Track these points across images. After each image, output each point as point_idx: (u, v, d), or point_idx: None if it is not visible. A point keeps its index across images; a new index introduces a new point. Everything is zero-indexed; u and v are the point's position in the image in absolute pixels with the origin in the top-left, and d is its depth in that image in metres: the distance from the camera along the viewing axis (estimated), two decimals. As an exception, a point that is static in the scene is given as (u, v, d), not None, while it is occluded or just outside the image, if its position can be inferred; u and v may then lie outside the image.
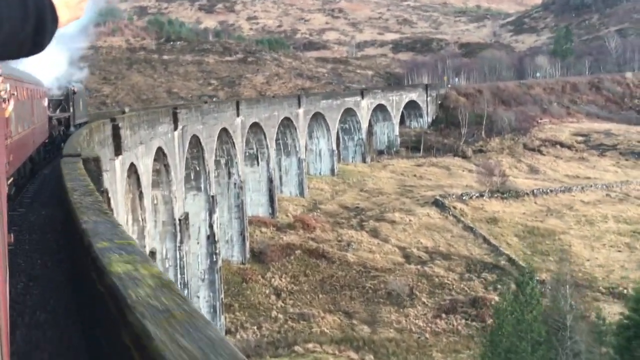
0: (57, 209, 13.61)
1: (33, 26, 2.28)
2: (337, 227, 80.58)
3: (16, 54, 2.31)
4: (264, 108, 78.21)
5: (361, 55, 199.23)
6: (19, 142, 18.53)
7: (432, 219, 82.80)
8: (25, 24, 2.25)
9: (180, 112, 51.20)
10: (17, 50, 2.30)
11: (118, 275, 4.08)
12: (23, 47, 2.30)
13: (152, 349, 2.90)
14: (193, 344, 2.85)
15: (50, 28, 2.36)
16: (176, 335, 2.99)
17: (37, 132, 25.01)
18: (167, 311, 3.32)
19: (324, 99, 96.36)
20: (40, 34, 2.32)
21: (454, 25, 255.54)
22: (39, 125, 25.85)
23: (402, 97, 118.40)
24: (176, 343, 2.90)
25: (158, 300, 3.52)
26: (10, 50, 2.27)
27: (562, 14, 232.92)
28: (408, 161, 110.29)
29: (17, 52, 2.31)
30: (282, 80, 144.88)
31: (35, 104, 24.62)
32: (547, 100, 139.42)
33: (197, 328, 3.06)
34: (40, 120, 26.63)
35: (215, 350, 2.80)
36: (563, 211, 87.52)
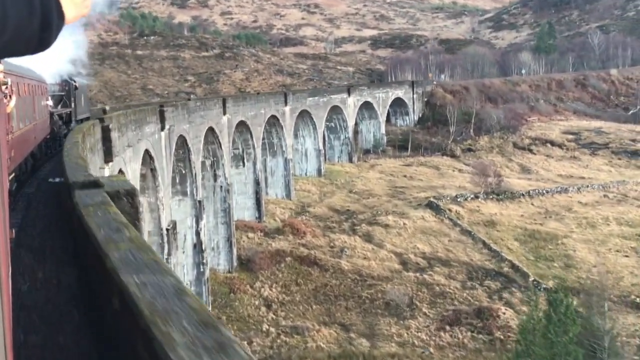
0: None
1: (39, 23, 2.25)
2: (328, 231, 76.05)
3: (23, 50, 2.29)
4: (251, 106, 73.46)
5: (340, 52, 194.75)
6: (21, 137, 18.42)
7: (428, 222, 78.60)
8: (31, 21, 2.22)
9: (167, 111, 46.37)
10: (24, 47, 2.27)
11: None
12: (30, 43, 2.27)
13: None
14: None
15: (57, 24, 2.33)
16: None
17: (39, 127, 24.84)
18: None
19: (311, 97, 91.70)
20: (47, 31, 2.30)
21: (431, 22, 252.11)
22: (41, 121, 25.69)
23: (389, 95, 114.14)
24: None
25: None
26: (17, 47, 2.25)
27: (541, 10, 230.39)
28: (396, 161, 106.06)
29: (24, 49, 2.29)
30: (262, 76, 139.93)
31: (37, 100, 24.32)
32: (534, 97, 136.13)
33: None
34: (42, 116, 26.49)
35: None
36: (562, 213, 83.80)
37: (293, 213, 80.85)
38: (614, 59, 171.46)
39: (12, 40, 2.17)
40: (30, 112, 21.65)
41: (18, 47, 2.25)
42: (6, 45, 2.18)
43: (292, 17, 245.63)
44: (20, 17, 2.17)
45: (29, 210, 14.44)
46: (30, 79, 22.49)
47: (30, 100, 21.92)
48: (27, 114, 20.71)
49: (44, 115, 28.11)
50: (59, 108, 36.44)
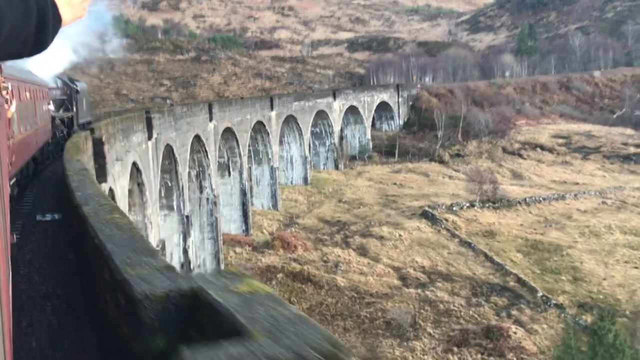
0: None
1: (35, 25, 2.27)
2: (320, 244, 71.46)
3: (20, 52, 2.31)
4: (237, 111, 68.67)
5: (317, 55, 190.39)
6: (22, 142, 18.37)
7: (424, 234, 74.34)
8: (27, 23, 2.24)
9: (154, 118, 41.48)
10: (21, 49, 2.29)
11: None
12: (26, 45, 2.29)
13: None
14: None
15: (53, 26, 2.35)
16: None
17: (40, 132, 24.71)
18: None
19: (296, 101, 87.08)
20: (43, 33, 2.31)
21: (407, 24, 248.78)
22: (42, 125, 25.52)
23: (374, 98, 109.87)
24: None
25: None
26: (13, 49, 2.26)
27: (518, 12, 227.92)
28: (383, 167, 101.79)
29: (20, 51, 2.30)
30: (241, 80, 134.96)
31: (38, 104, 24.14)
32: (520, 100, 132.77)
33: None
34: (43, 120, 26.25)
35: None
36: (562, 222, 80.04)
37: (281, 225, 76.18)
38: (595, 61, 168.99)
39: (8, 42, 2.15)
40: (31, 117, 21.40)
41: (14, 49, 2.23)
42: (2, 47, 2.16)
43: (266, 20, 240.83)
44: (17, 19, 2.16)
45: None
46: (32, 83, 22.33)
47: (32, 105, 21.70)
48: (28, 118, 20.41)
49: (46, 120, 27.84)
50: (61, 112, 35.91)
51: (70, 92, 37.77)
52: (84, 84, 47.14)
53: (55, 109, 34.05)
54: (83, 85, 45.04)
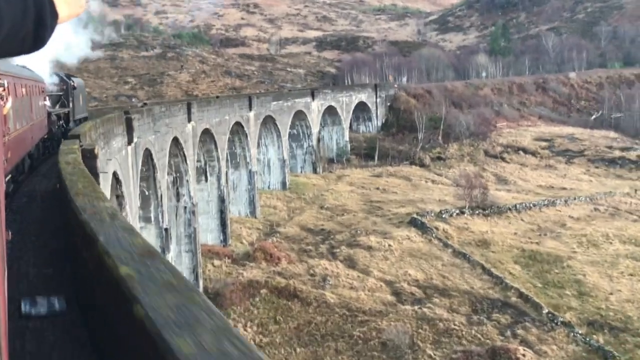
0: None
1: (33, 22, 2.27)
2: (304, 256, 66.21)
3: (18, 50, 2.31)
4: (215, 111, 63.14)
5: (285, 53, 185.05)
6: (17, 138, 18.46)
7: (415, 243, 69.53)
8: (25, 20, 2.24)
9: (135, 119, 35.93)
10: (19, 47, 2.30)
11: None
12: (24, 43, 2.29)
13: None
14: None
15: (50, 23, 2.35)
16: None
17: (36, 128, 24.79)
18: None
19: (275, 101, 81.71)
20: (41, 30, 2.31)
21: (375, 24, 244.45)
22: (38, 121, 25.61)
23: (352, 98, 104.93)
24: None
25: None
26: (12, 47, 2.27)
27: (487, 12, 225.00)
28: (363, 171, 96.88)
29: (19, 49, 2.31)
30: (210, 78, 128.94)
31: (34, 100, 24.22)
32: (498, 102, 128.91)
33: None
34: (39, 116, 26.39)
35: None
36: (556, 230, 75.92)
37: (261, 234, 70.81)
38: (569, 62, 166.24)
39: (7, 40, 2.16)
40: (27, 113, 21.34)
41: (13, 46, 2.24)
42: (1, 45, 2.17)
43: (231, 17, 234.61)
44: (15, 16, 2.17)
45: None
46: (28, 79, 22.30)
47: (28, 101, 21.62)
48: (24, 114, 20.40)
49: (42, 115, 27.79)
50: (57, 108, 35.85)
51: (67, 88, 37.69)
52: (81, 80, 46.39)
53: (51, 105, 33.84)
54: (80, 81, 44.55)
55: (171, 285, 3.90)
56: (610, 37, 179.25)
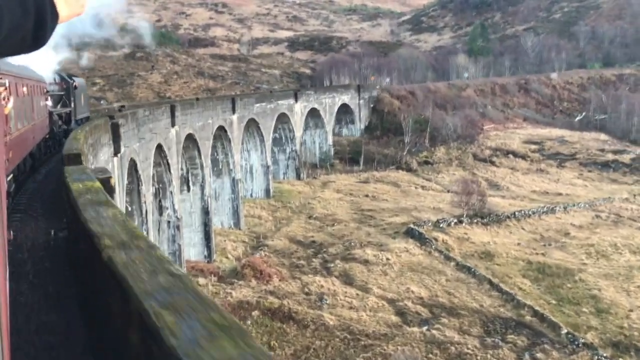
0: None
1: (33, 21, 2.27)
2: (296, 272, 60.67)
3: (18, 49, 2.31)
4: (198, 114, 57.38)
5: (258, 54, 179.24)
6: (19, 138, 18.41)
7: (414, 256, 64.38)
8: (25, 20, 2.24)
9: (121, 125, 30.24)
10: (19, 46, 2.29)
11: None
12: (24, 42, 2.29)
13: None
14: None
15: (50, 23, 2.35)
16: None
17: (38, 128, 24.62)
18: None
19: (258, 102, 76.07)
20: (41, 30, 2.31)
21: (346, 24, 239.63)
22: (39, 121, 25.41)
23: (335, 100, 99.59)
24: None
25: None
26: (12, 47, 2.27)
27: (461, 12, 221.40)
28: (349, 177, 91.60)
29: (19, 48, 2.31)
30: (183, 79, 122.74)
31: (36, 100, 24.13)
32: (482, 103, 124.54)
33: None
34: (41, 116, 26.24)
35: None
36: (561, 239, 71.36)
37: (247, 248, 65.11)
38: (548, 63, 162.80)
39: (7, 39, 2.16)
40: (28, 113, 21.50)
41: (13, 46, 2.24)
42: (1, 45, 2.17)
43: (199, 16, 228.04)
44: (15, 16, 2.16)
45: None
46: (29, 78, 22.41)
47: (29, 101, 21.80)
48: (25, 114, 20.52)
49: (43, 115, 27.77)
50: (59, 108, 35.63)
51: (68, 88, 37.27)
52: (82, 79, 46.12)
53: (53, 105, 33.33)
54: (81, 81, 44.16)
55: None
56: (589, 37, 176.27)
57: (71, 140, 16.78)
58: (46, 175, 24.56)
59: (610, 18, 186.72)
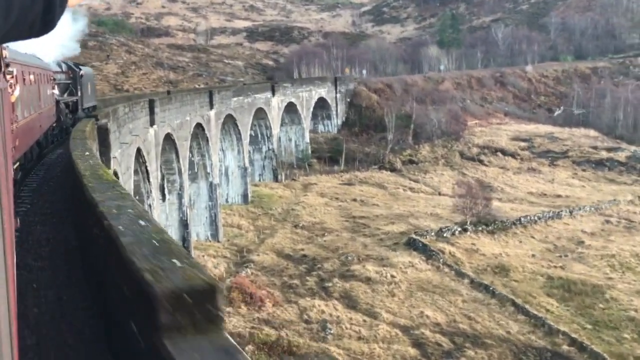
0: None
1: (42, 5, 2.24)
2: (291, 294, 52.15)
3: (27, 34, 2.28)
4: (176, 110, 48.40)
5: (216, 44, 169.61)
6: (26, 126, 18.45)
7: (422, 272, 56.39)
8: (35, 5, 2.21)
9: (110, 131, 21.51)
10: (28, 31, 2.26)
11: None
12: (33, 27, 2.26)
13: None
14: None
15: (59, 7, 2.32)
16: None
17: (44, 116, 24.66)
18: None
19: (235, 96, 67.21)
20: (50, 14, 2.28)
21: (305, 14, 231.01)
22: (46, 109, 25.48)
23: (312, 94, 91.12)
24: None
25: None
26: (22, 32, 2.24)
27: (424, 3, 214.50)
28: (330, 178, 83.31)
29: (28, 33, 2.27)
30: (142, 70, 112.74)
31: (43, 88, 24.15)
32: (461, 97, 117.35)
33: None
34: (48, 105, 26.22)
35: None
36: (576, 249, 64.22)
37: (231, 264, 56.28)
38: (520, 55, 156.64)
39: (16, 24, 2.14)
40: (35, 101, 21.51)
41: (22, 30, 2.21)
42: (11, 29, 2.15)
43: (151, 4, 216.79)
44: (25, 1, 2.15)
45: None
46: (36, 67, 22.53)
47: (36, 89, 21.86)
48: (32, 102, 20.48)
49: (50, 104, 27.63)
50: (65, 96, 35.85)
51: (75, 76, 37.54)
52: (89, 68, 46.34)
53: (59, 93, 33.21)
54: (88, 69, 44.36)
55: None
56: (560, 29, 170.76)
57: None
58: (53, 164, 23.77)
59: (580, 9, 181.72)
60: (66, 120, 34.34)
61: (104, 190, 8.45)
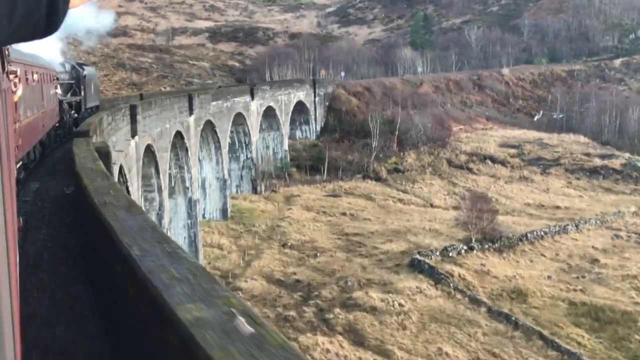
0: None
1: (46, 7, 2.22)
2: (287, 328, 45.19)
3: (31, 35, 2.27)
4: (156, 117, 41.29)
5: (178, 45, 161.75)
6: (29, 126, 18.50)
7: (432, 299, 50.00)
8: (38, 6, 2.20)
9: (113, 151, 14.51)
10: (32, 33, 2.26)
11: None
12: (37, 28, 2.25)
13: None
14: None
15: (63, 8, 2.31)
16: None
17: (47, 115, 24.76)
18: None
19: (215, 100, 60.13)
20: (54, 15, 2.27)
21: (268, 15, 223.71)
22: (49, 109, 25.65)
23: (291, 97, 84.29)
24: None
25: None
26: (25, 33, 2.23)
27: (391, 4, 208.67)
28: (312, 188, 76.65)
29: (32, 35, 2.27)
30: (102, 71, 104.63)
31: (46, 88, 24.30)
32: (441, 101, 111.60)
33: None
34: (51, 104, 26.55)
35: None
36: (592, 269, 58.52)
37: (216, 293, 49.03)
38: (494, 58, 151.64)
39: (20, 26, 2.13)
40: (38, 100, 21.56)
41: (26, 32, 2.21)
42: (15, 31, 2.14)
43: (107, 4, 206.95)
44: (28, 2, 2.14)
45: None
46: (39, 66, 22.55)
47: (39, 88, 21.94)
48: (35, 102, 20.54)
49: (53, 103, 27.91)
50: (69, 96, 35.83)
51: (78, 76, 37.59)
52: (92, 68, 46.77)
53: (63, 93, 33.21)
54: (91, 69, 44.87)
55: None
56: (533, 32, 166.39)
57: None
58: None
59: (552, 11, 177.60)
60: (69, 120, 33.98)
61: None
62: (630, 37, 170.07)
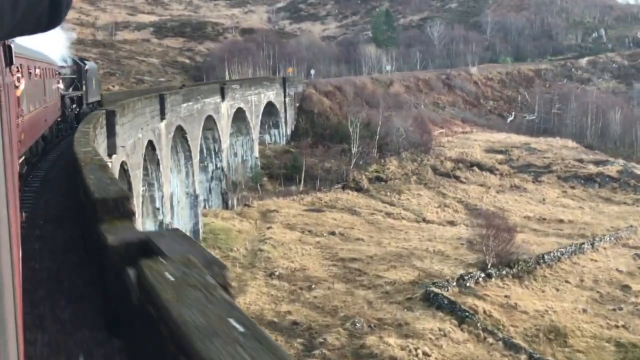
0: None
1: (49, 1, 2.22)
2: (294, 390, 35.87)
3: (34, 29, 2.26)
4: (129, 125, 31.61)
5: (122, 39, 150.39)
6: (31, 120, 18.36)
7: (459, 344, 41.27)
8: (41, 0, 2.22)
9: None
10: (35, 26, 2.23)
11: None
12: (40, 22, 2.23)
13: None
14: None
15: (66, 2, 2.30)
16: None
17: (50, 110, 24.48)
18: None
19: (185, 102, 50.37)
20: (57, 8, 2.26)
21: (214, 10, 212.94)
22: (52, 104, 25.40)
23: (261, 97, 74.81)
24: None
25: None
26: (29, 26, 2.22)
27: (344, 0, 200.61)
28: (289, 202, 67.45)
29: (35, 28, 2.25)
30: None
31: (48, 83, 24.03)
32: (414, 102, 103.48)
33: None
34: (53, 99, 26.32)
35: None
36: (627, 299, 50.94)
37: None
38: (458, 56, 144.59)
39: (24, 19, 2.11)
40: (40, 95, 21.37)
41: (29, 25, 2.19)
42: (18, 24, 2.12)
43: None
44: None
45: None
46: (41, 61, 22.26)
47: (41, 83, 21.69)
48: (37, 97, 20.39)
49: (55, 98, 27.79)
50: (70, 91, 36.08)
51: (80, 71, 37.87)
52: (94, 63, 47.14)
53: (64, 88, 33.35)
54: (92, 64, 44.56)
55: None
56: (495, 29, 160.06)
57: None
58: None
59: (513, 8, 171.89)
60: (71, 115, 34.08)
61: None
62: (593, 35, 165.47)
